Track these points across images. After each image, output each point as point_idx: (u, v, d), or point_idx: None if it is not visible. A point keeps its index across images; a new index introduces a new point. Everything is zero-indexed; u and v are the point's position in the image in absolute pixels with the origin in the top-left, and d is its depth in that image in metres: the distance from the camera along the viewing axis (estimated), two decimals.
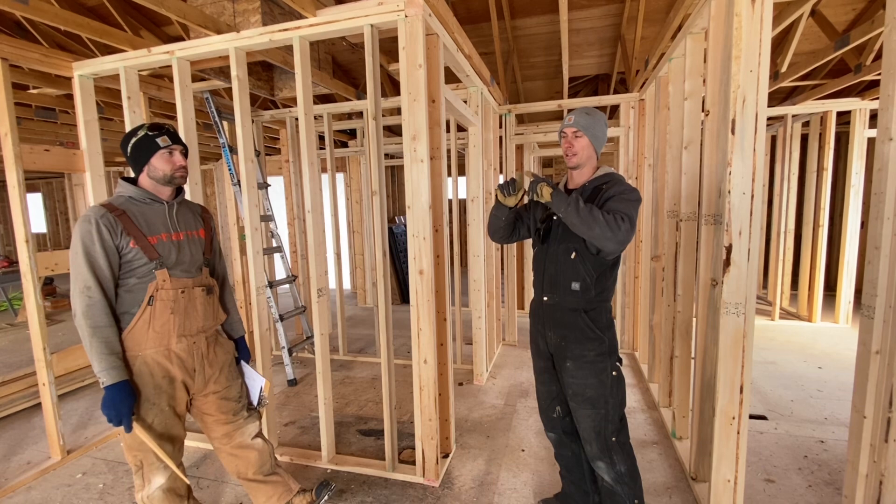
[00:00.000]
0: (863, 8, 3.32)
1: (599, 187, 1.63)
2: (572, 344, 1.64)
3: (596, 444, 1.64)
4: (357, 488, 2.22)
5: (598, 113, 1.67)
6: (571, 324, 1.64)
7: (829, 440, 2.53)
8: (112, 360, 1.40)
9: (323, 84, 3.34)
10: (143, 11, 3.30)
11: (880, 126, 1.40)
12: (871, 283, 1.44)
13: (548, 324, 1.70)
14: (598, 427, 1.63)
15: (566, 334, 1.65)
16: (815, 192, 4.77)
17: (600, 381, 1.62)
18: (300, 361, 4.13)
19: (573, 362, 1.64)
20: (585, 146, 1.65)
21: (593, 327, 1.62)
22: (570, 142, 1.65)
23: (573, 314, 1.64)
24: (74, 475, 2.39)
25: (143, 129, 1.53)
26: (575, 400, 1.66)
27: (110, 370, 1.39)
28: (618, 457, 1.65)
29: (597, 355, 1.62)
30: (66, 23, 2.21)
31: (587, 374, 1.62)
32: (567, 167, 1.72)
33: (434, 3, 2.07)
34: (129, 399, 1.41)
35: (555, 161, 8.42)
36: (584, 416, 1.65)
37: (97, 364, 1.39)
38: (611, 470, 1.65)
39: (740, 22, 1.58)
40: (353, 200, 5.96)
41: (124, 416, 1.39)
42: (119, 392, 1.39)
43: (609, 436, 1.64)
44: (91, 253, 1.40)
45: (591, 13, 3.68)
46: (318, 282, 2.28)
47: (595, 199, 1.60)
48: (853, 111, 4.39)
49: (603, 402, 1.62)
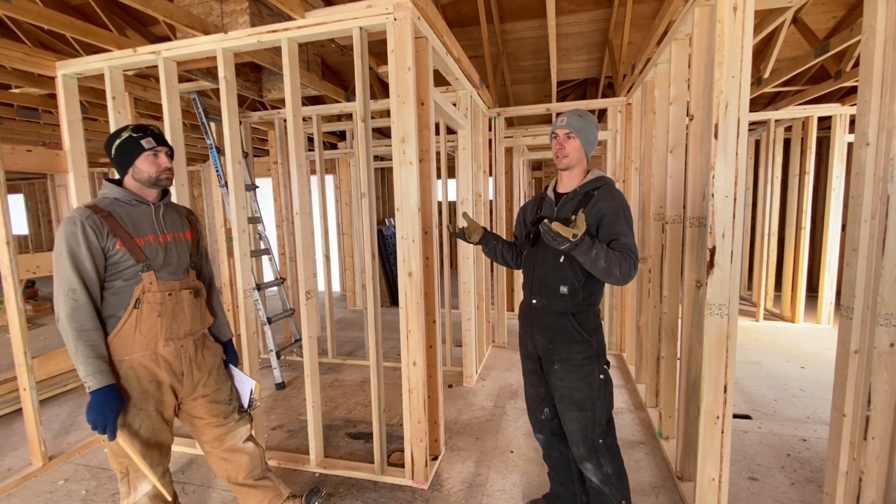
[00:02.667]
0: (843, 15, 3.41)
1: (590, 193, 1.64)
2: (560, 347, 1.65)
3: (583, 446, 1.66)
4: (346, 492, 2.21)
5: (590, 115, 1.68)
6: (559, 327, 1.65)
7: (812, 438, 2.58)
8: (98, 364, 1.37)
9: (312, 86, 3.33)
10: (129, 11, 3.26)
11: (858, 131, 1.44)
12: (850, 285, 1.47)
13: (536, 326, 1.71)
14: (584, 430, 1.64)
15: (554, 337, 1.66)
16: (798, 195, 4.87)
17: (587, 385, 1.63)
18: (288, 365, 4.10)
19: (561, 365, 1.65)
20: (577, 148, 1.65)
21: (581, 330, 1.63)
22: (562, 143, 1.66)
23: (561, 317, 1.64)
24: (56, 482, 2.34)
25: (128, 131, 1.51)
26: (562, 402, 1.67)
27: (96, 374, 1.36)
28: (605, 459, 1.66)
29: (584, 358, 1.63)
30: (50, 22, 2.18)
31: (574, 378, 1.63)
32: (557, 169, 1.73)
33: (423, 7, 2.08)
34: (116, 404, 1.38)
35: (544, 164, 8.47)
36: (570, 418, 1.66)
37: (82, 368, 1.36)
38: (598, 471, 1.66)
39: (723, 29, 1.61)
40: (343, 202, 5.95)
41: (110, 422, 1.36)
42: (105, 397, 1.36)
43: (596, 438, 1.65)
44: (76, 255, 1.37)
45: (579, 18, 3.72)
46: (307, 284, 2.27)
47: (586, 205, 1.61)
48: (834, 116, 4.49)
49: (590, 404, 1.63)
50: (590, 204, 1.61)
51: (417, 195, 2.10)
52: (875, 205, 1.40)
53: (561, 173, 1.73)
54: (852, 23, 3.27)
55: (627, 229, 1.56)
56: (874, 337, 1.42)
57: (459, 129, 3.36)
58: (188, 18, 2.31)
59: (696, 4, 1.91)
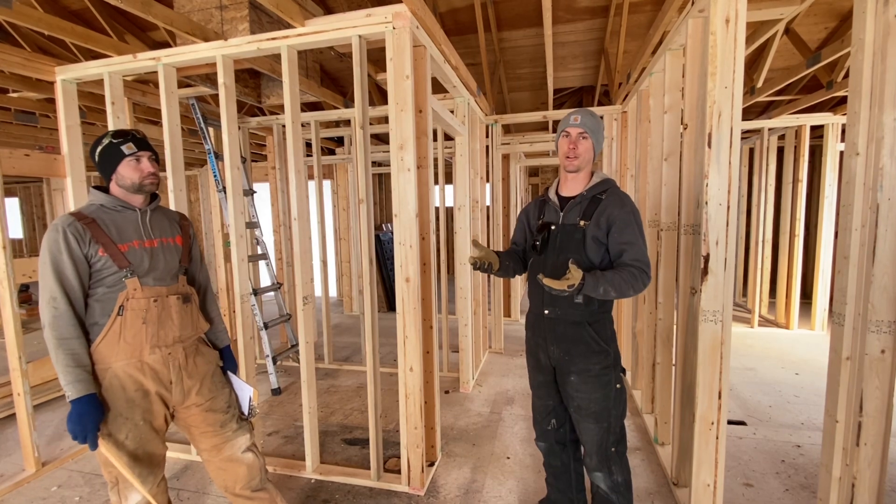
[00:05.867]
0: (834, 27, 3.47)
1: (597, 198, 1.58)
2: (577, 358, 1.60)
3: (596, 456, 1.63)
4: (342, 498, 2.20)
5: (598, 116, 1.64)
6: (576, 337, 1.60)
7: (806, 444, 2.59)
8: (78, 373, 1.35)
9: (311, 92, 3.35)
10: (129, 17, 3.28)
11: (848, 141, 1.47)
12: (842, 292, 1.49)
13: (549, 338, 1.65)
14: (601, 440, 1.62)
15: (570, 348, 1.61)
16: (791, 203, 4.92)
17: (605, 395, 1.59)
18: (284, 370, 4.09)
19: (578, 377, 1.60)
20: (588, 149, 1.59)
21: (598, 340, 1.59)
22: (574, 143, 1.58)
23: (577, 327, 1.59)
24: (49, 488, 2.32)
25: (108, 137, 1.49)
26: (579, 413, 1.63)
27: (76, 383, 1.34)
28: (616, 467, 1.64)
29: (602, 368, 1.58)
30: (50, 27, 2.19)
31: (592, 389, 1.59)
32: (566, 171, 1.63)
33: (421, 16, 2.10)
34: (96, 414, 1.36)
35: (540, 170, 8.52)
36: (587, 429, 1.63)
37: (63, 377, 1.34)
38: (608, 479, 1.64)
39: (715, 40, 1.64)
40: (340, 207, 5.95)
41: (89, 432, 1.34)
42: (85, 406, 1.34)
43: (609, 447, 1.62)
44: (58, 262, 1.37)
45: (575, 27, 3.77)
46: (304, 289, 2.27)
47: (594, 211, 1.56)
48: (826, 125, 4.56)
49: (606, 415, 1.61)
50: (598, 210, 1.56)
51: (415, 201, 2.11)
52: (865, 213, 1.43)
53: (566, 175, 1.65)
54: (843, 34, 3.33)
55: (637, 236, 1.52)
56: (865, 343, 1.44)
57: (457, 136, 3.38)
58: (188, 25, 2.32)
59: (689, 16, 1.95)
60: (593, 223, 1.56)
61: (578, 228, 1.58)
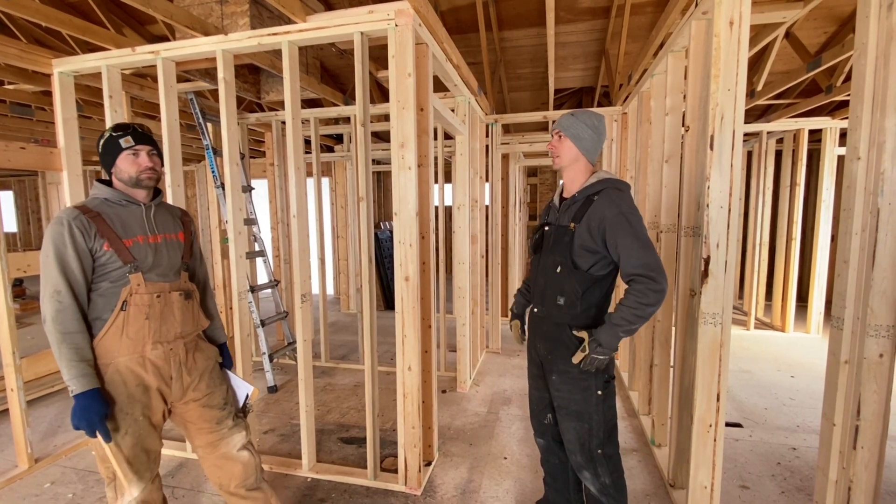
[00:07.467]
0: (834, 31, 3.48)
1: (591, 198, 1.56)
2: (557, 359, 1.62)
3: (580, 455, 1.63)
4: (338, 497, 2.19)
5: (584, 113, 1.61)
6: (556, 338, 1.62)
7: (801, 447, 2.60)
8: (82, 368, 1.35)
9: (311, 89, 3.33)
10: (128, 10, 3.26)
11: (849, 146, 1.47)
12: (840, 296, 1.50)
13: (537, 335, 1.71)
14: (582, 439, 1.62)
15: (552, 348, 1.64)
16: (789, 206, 4.94)
17: (584, 398, 1.60)
18: (281, 368, 4.07)
19: (558, 377, 1.62)
20: (568, 147, 1.61)
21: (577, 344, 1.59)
22: (553, 144, 1.64)
23: (558, 328, 1.61)
24: (43, 484, 2.30)
25: (109, 130, 1.49)
26: (560, 412, 1.65)
27: (80, 378, 1.33)
28: (602, 469, 1.63)
29: (580, 372, 1.57)
30: (47, 19, 2.16)
31: (572, 389, 1.60)
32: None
33: (424, 14, 2.09)
34: (101, 408, 1.35)
35: (539, 170, 8.52)
36: (568, 427, 1.64)
37: (66, 371, 1.33)
38: (595, 481, 1.64)
39: (719, 42, 1.64)
40: (339, 205, 5.93)
41: (97, 425, 1.33)
42: (90, 400, 1.33)
43: (594, 448, 1.62)
44: (63, 256, 1.35)
45: (576, 28, 3.76)
46: (302, 287, 2.26)
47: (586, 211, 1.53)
48: (824, 129, 4.57)
49: (587, 416, 1.60)
50: (588, 213, 1.53)
51: (416, 200, 2.10)
52: (865, 218, 1.43)
53: (565, 176, 1.67)
54: (843, 38, 3.35)
55: (633, 240, 1.43)
56: (864, 347, 1.44)
57: (457, 135, 3.37)
58: (188, 19, 2.30)
59: (693, 18, 1.94)
60: (584, 227, 1.53)
61: (568, 231, 1.57)
